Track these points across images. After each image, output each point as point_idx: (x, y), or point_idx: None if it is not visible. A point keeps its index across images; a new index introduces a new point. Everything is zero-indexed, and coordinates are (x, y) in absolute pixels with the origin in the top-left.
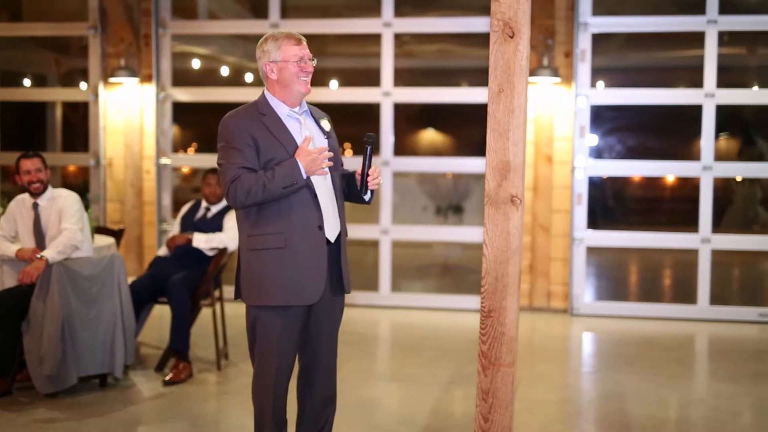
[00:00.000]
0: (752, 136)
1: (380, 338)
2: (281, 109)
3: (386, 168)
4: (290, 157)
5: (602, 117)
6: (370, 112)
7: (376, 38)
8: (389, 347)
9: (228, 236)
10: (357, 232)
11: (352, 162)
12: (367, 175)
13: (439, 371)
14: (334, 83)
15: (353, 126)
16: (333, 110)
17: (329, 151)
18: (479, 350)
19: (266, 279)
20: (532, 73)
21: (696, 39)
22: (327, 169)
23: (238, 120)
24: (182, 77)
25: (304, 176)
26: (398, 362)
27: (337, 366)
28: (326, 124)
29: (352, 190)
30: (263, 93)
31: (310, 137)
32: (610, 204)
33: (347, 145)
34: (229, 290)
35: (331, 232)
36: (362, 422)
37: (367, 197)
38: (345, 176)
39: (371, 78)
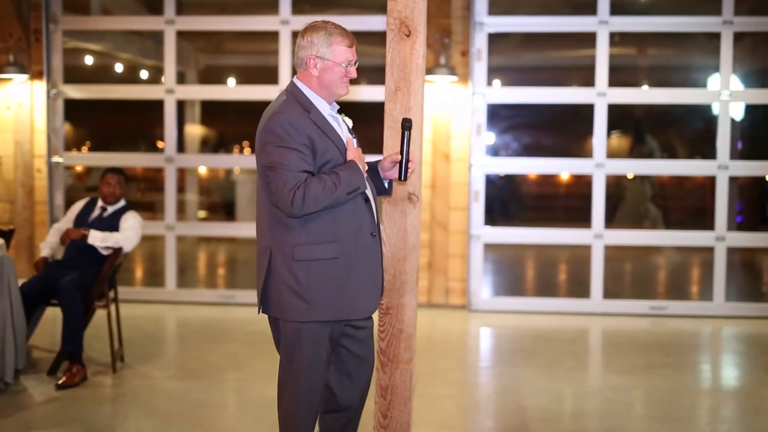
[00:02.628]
0: (643, 135)
1: None
2: (323, 107)
3: None
4: (344, 159)
5: (498, 115)
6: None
7: (273, 36)
8: None
9: (124, 236)
10: (254, 231)
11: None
12: (409, 161)
13: None
14: (231, 81)
15: (251, 124)
16: (230, 108)
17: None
18: (378, 347)
19: (316, 292)
20: (429, 71)
21: (588, 39)
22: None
23: (292, 117)
24: (75, 74)
25: (365, 182)
26: None
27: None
28: (349, 122)
29: (375, 184)
30: (295, 85)
31: (351, 139)
32: (506, 201)
33: (245, 143)
34: (125, 291)
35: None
36: (263, 421)
37: (388, 186)
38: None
39: (269, 76)
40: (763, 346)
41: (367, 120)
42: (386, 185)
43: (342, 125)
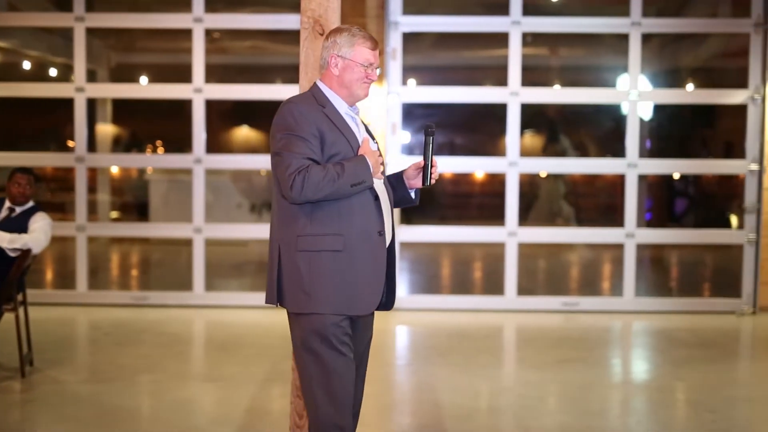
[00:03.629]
0: (555, 133)
1: (195, 338)
2: (340, 105)
3: (199, 166)
4: (356, 154)
5: (413, 114)
6: (182, 108)
7: (186, 33)
8: (204, 347)
9: (33, 238)
10: (169, 231)
11: (169, 160)
12: (432, 166)
13: (255, 369)
14: (144, 79)
15: (164, 123)
16: (143, 107)
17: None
18: (293, 347)
19: (318, 284)
20: None
21: (501, 39)
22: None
23: (303, 107)
24: None
25: (372, 177)
26: (213, 362)
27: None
28: (371, 128)
29: (397, 193)
30: (316, 85)
31: (367, 138)
32: (421, 200)
33: (158, 143)
34: (34, 294)
35: (388, 239)
36: (177, 424)
37: (414, 195)
38: (390, 179)
39: (182, 74)
40: (672, 340)
41: None
42: (413, 195)
43: (360, 126)
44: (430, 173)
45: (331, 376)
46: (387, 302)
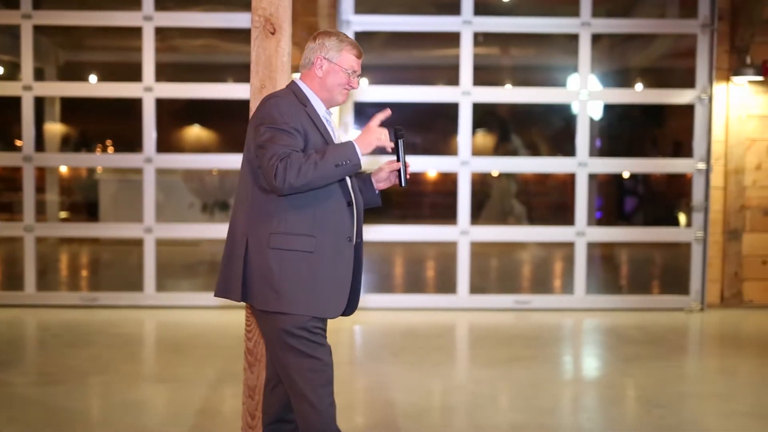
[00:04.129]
0: (507, 133)
1: (146, 339)
2: (319, 107)
3: (149, 165)
4: None
5: (365, 114)
6: (132, 107)
7: (137, 32)
8: (155, 348)
9: None
10: (119, 231)
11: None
12: (407, 166)
13: (207, 370)
14: (93, 77)
15: (114, 122)
16: (92, 106)
17: None
18: (245, 347)
19: (287, 283)
20: (296, 69)
21: (453, 39)
22: (349, 179)
23: (289, 103)
24: None
25: (360, 155)
26: (165, 363)
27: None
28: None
29: (365, 196)
30: (295, 83)
31: (376, 117)
32: None
33: (108, 142)
34: None
35: (356, 245)
36: (128, 426)
37: (377, 199)
38: (357, 182)
39: (132, 72)
40: (622, 337)
41: (232, 118)
42: (378, 195)
43: (335, 131)
44: (405, 173)
45: (315, 368)
46: (347, 309)
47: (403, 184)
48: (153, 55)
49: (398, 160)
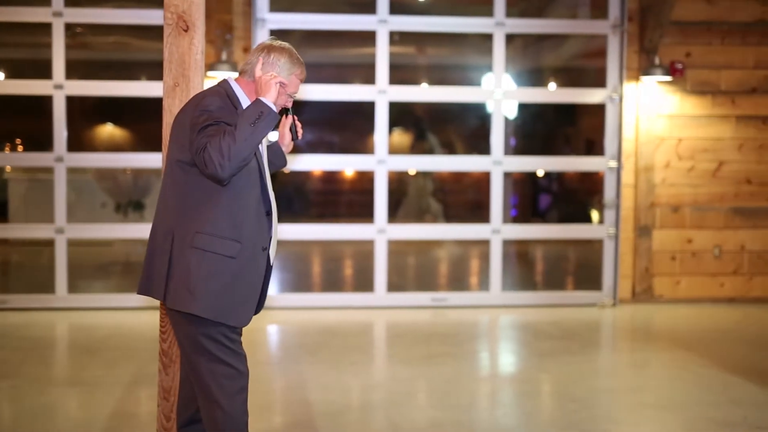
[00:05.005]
0: (423, 131)
1: (57, 342)
2: None
3: (60, 164)
4: (258, 163)
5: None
6: (42, 105)
7: (46, 28)
8: (67, 350)
9: None
10: (29, 232)
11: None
12: (296, 120)
13: (120, 372)
14: (0, 74)
15: (23, 120)
16: (0, 104)
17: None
18: (160, 349)
19: (202, 285)
20: (210, 67)
21: (369, 37)
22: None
23: (217, 100)
24: None
25: (270, 104)
26: (77, 365)
27: None
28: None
29: (277, 162)
30: (228, 83)
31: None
32: (291, 197)
33: (17, 140)
34: None
35: (272, 254)
36: (38, 430)
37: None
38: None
39: (42, 70)
40: (537, 332)
41: (146, 116)
42: (284, 157)
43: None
44: (296, 128)
45: (229, 375)
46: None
47: (294, 138)
48: (63, 52)
49: (288, 115)
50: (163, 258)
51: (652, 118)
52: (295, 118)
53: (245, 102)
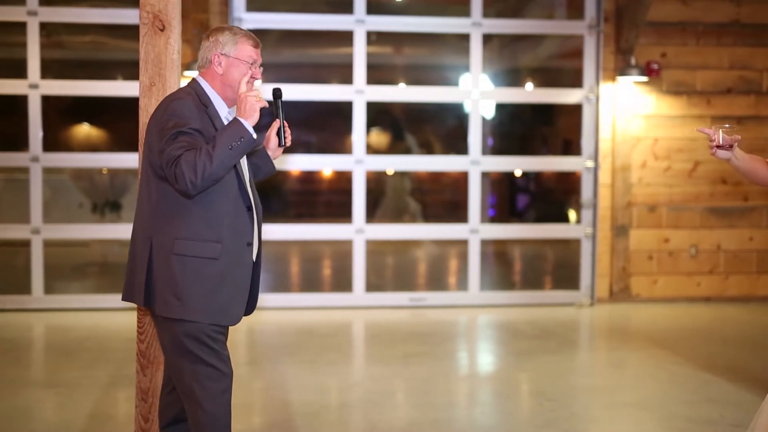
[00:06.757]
0: (401, 131)
1: (33, 343)
2: (221, 108)
3: (36, 164)
4: None
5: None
6: (16, 105)
7: (21, 27)
8: (44, 352)
9: None
10: (4, 232)
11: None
12: (285, 125)
13: (98, 373)
14: None
15: None
16: None
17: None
18: (137, 349)
19: (189, 290)
20: (187, 67)
21: (346, 37)
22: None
23: (188, 103)
24: None
25: (250, 130)
26: (53, 367)
27: None
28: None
29: (264, 169)
30: (197, 82)
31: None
32: (268, 197)
33: None
34: None
35: (255, 250)
36: None
37: (273, 168)
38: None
39: (17, 69)
40: (515, 332)
41: (123, 116)
42: (272, 164)
43: None
44: (284, 133)
45: (212, 376)
46: (247, 309)
47: (281, 143)
48: (38, 51)
49: (278, 119)
50: (143, 264)
51: (629, 118)
52: (286, 123)
53: (216, 100)
